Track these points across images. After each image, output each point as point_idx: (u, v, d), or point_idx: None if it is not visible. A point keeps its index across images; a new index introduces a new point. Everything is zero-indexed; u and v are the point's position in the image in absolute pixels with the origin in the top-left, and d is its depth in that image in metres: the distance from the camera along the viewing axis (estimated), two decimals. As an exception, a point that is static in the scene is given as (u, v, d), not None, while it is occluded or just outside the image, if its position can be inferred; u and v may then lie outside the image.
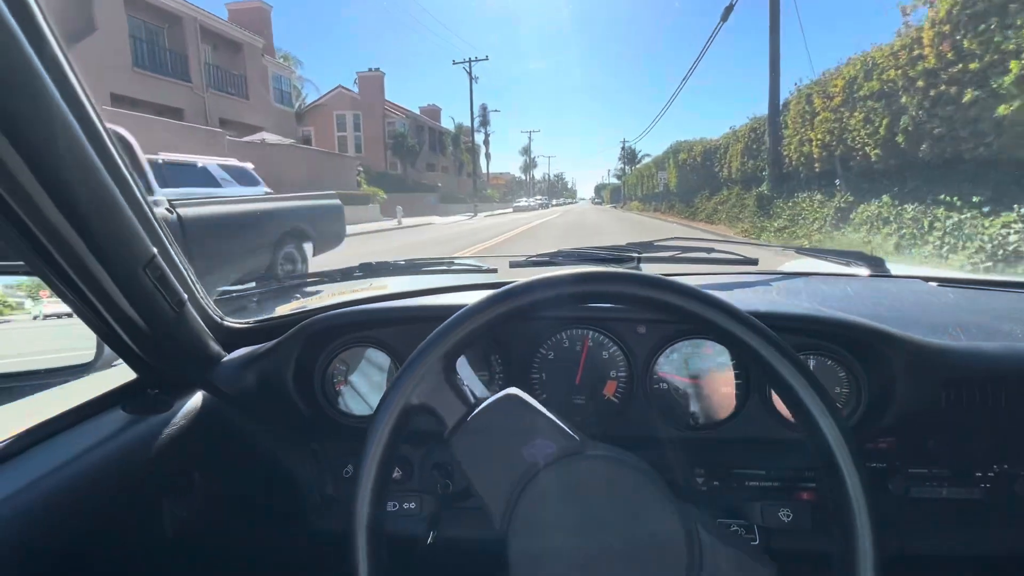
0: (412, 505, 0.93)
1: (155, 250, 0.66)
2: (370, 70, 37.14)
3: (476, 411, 0.54)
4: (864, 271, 1.25)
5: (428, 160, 42.73)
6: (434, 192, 36.52)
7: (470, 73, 36.20)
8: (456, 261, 1.27)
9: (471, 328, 0.55)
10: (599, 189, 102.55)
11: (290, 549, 0.99)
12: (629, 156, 61.24)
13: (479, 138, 56.93)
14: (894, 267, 1.27)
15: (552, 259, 1.17)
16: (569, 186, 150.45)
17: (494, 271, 1.22)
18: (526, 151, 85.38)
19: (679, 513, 0.50)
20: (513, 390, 0.56)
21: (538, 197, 63.87)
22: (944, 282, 1.18)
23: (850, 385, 0.87)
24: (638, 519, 0.50)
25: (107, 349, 0.81)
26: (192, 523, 0.77)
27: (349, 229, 6.59)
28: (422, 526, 0.89)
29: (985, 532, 0.88)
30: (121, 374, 0.80)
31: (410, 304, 0.95)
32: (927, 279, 1.20)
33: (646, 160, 46.35)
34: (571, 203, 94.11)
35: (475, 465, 0.54)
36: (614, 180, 77.75)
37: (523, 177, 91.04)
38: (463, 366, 0.79)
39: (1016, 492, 0.85)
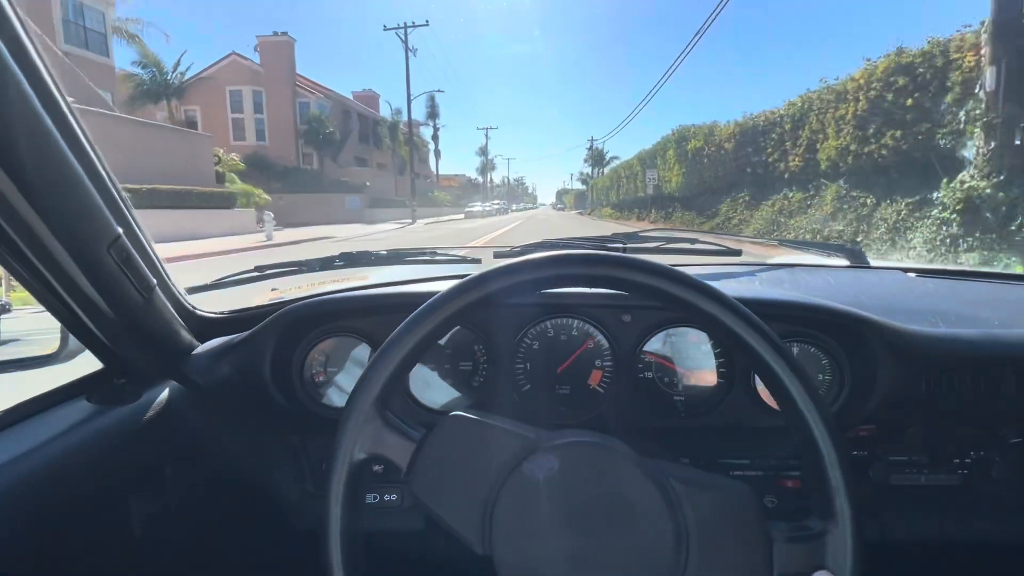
0: (393, 497, 0.92)
1: (120, 230, 0.62)
2: (275, 34, 28.70)
3: (424, 445, 0.53)
4: (845, 262, 1.30)
5: (358, 153, 34.56)
6: (360, 193, 28.46)
7: (405, 42, 28.34)
8: (439, 251, 1.27)
9: (393, 365, 0.53)
10: (560, 194, 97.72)
11: (267, 547, 0.99)
12: (597, 157, 54.88)
13: (427, 132, 49.28)
14: (874, 259, 1.34)
15: (537, 249, 1.11)
16: (530, 191, 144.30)
17: (478, 261, 1.19)
18: (483, 151, 77.73)
19: (648, 473, 0.51)
20: (454, 412, 0.55)
21: (496, 201, 56.31)
22: (923, 273, 1.22)
23: (833, 372, 0.89)
24: (610, 493, 0.50)
25: (72, 340, 0.77)
26: (162, 519, 0.76)
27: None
28: (404, 518, 0.90)
29: (963, 518, 0.91)
30: (89, 365, 0.76)
31: (387, 292, 0.95)
32: (906, 270, 1.23)
33: (615, 163, 39.70)
34: (532, 208, 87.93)
35: (438, 500, 0.53)
36: (578, 185, 72.15)
37: (480, 179, 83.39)
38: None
39: (993, 477, 0.87)
